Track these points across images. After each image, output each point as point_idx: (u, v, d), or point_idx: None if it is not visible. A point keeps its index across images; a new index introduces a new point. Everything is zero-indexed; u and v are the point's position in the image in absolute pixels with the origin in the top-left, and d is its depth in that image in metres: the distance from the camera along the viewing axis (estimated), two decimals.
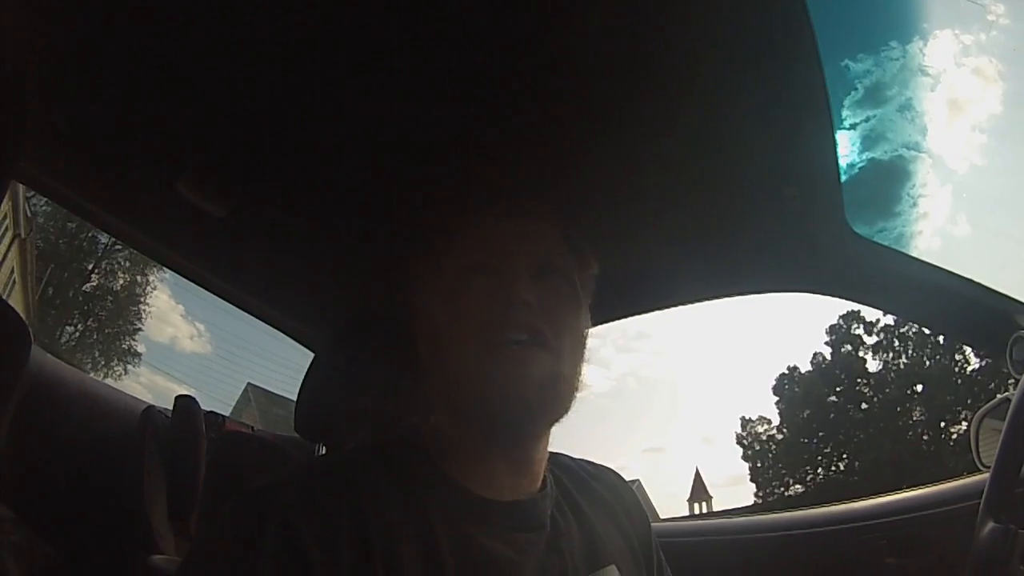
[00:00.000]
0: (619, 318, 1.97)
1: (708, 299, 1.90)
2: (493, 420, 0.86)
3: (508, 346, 0.84)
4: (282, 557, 0.73)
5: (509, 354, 0.83)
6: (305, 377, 1.45)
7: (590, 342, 0.96)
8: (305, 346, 2.16)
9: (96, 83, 1.34)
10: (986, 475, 1.25)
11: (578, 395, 0.91)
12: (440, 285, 0.91)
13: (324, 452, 1.65)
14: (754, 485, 26.62)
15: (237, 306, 2.04)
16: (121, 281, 20.33)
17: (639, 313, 1.96)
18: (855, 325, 25.70)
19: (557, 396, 0.87)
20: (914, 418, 24.25)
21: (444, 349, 0.88)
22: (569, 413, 0.90)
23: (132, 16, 1.18)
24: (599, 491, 1.04)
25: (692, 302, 1.91)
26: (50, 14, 1.22)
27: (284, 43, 1.23)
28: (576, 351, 0.91)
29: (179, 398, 1.77)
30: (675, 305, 1.92)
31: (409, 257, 0.98)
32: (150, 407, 1.76)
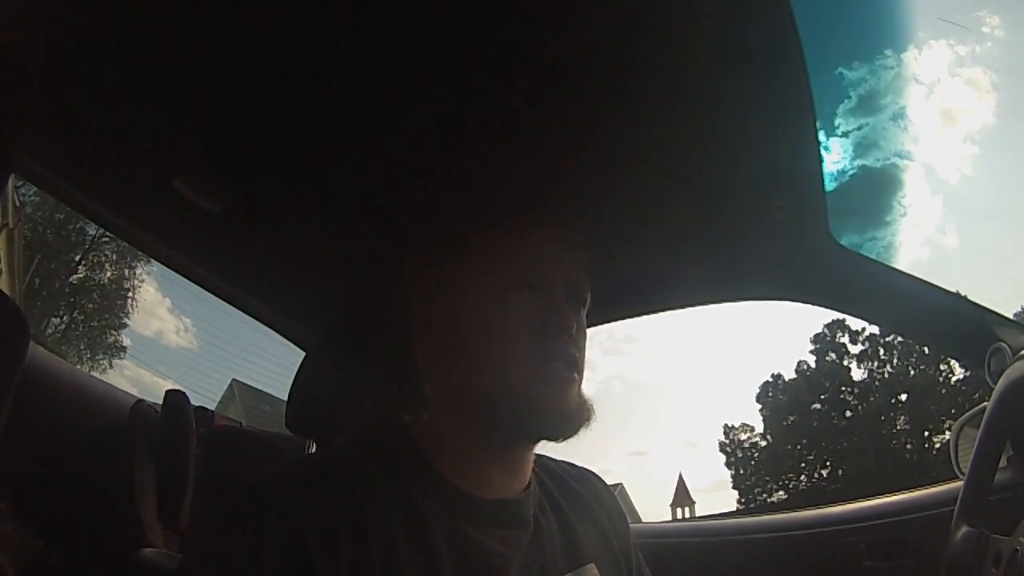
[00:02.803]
0: (606, 322, 1.99)
1: (695, 305, 1.93)
2: (523, 432, 0.92)
3: (554, 369, 0.88)
4: (284, 552, 0.74)
5: (554, 375, 0.88)
6: (297, 374, 1.45)
7: None
8: (295, 343, 2.16)
9: (95, 77, 1.33)
10: (962, 482, 1.28)
11: None
12: (474, 293, 0.92)
13: (314, 448, 1.66)
14: (737, 492, 26.70)
15: (229, 302, 2.04)
16: (108, 274, 20.14)
17: (626, 318, 1.99)
18: (840, 334, 25.80)
19: (587, 411, 0.91)
20: (898, 427, 24.36)
21: (471, 358, 0.91)
22: None
23: (133, 10, 1.19)
24: (580, 492, 1.06)
25: (679, 308, 1.93)
26: (51, 8, 1.23)
27: (285, 42, 1.23)
28: None
29: (169, 393, 1.78)
30: (662, 311, 1.94)
31: (431, 261, 0.97)
32: (140, 401, 1.76)
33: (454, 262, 0.94)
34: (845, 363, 25.90)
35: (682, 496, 26.65)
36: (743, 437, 27.28)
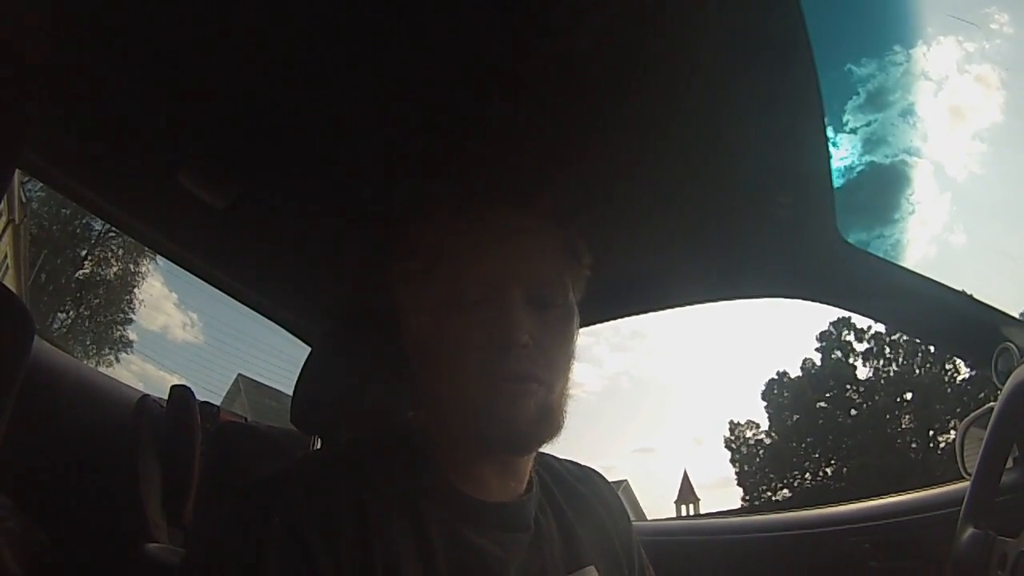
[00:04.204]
0: (613, 319, 1.99)
1: (701, 302, 1.93)
2: (484, 444, 0.88)
3: (504, 384, 0.84)
4: (287, 550, 0.74)
5: (505, 392, 0.84)
6: (302, 370, 1.46)
7: (584, 339, 0.96)
8: (301, 339, 2.17)
9: (101, 72, 1.34)
10: (968, 482, 1.27)
11: (569, 396, 0.92)
12: (430, 301, 0.90)
13: (319, 445, 1.66)
14: (741, 489, 26.68)
15: (235, 298, 2.04)
16: (114, 269, 20.13)
17: (633, 314, 1.98)
18: (846, 331, 25.71)
19: (549, 424, 0.88)
20: (903, 425, 24.29)
21: (433, 369, 0.90)
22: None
23: (138, 5, 1.19)
24: (582, 493, 1.06)
25: (686, 305, 1.93)
26: (56, 4, 1.23)
27: (289, 38, 1.23)
28: (567, 374, 0.92)
29: (175, 388, 1.78)
30: (669, 307, 1.94)
31: (398, 265, 0.96)
32: (145, 396, 1.76)
33: (415, 263, 0.93)
34: (850, 361, 25.83)
35: (687, 493, 26.64)
36: (748, 434, 27.23)
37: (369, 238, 1.68)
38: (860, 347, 25.74)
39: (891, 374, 25.16)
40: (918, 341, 21.05)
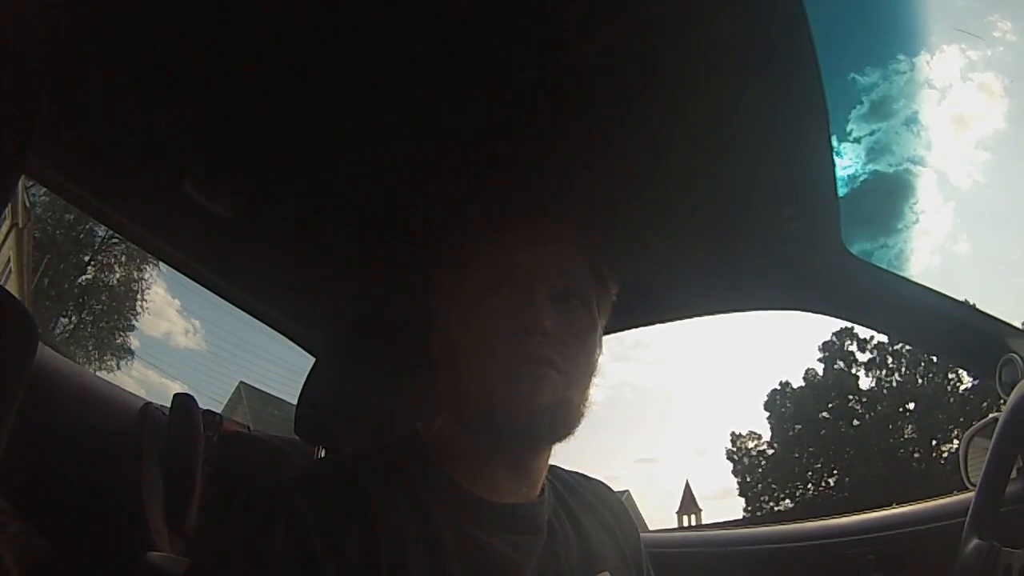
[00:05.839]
0: (618, 331, 1.98)
1: (706, 314, 1.92)
2: (499, 434, 0.88)
3: (522, 369, 0.86)
4: (291, 557, 0.74)
5: (523, 375, 0.86)
6: (307, 380, 1.45)
7: None
8: (304, 349, 2.17)
9: (106, 79, 1.34)
10: (973, 493, 1.27)
11: (588, 402, 0.94)
12: (460, 300, 0.93)
13: (324, 454, 1.65)
14: (743, 500, 26.58)
15: (238, 306, 2.04)
16: (117, 275, 20.10)
17: (639, 326, 1.98)
18: (848, 342, 25.65)
19: (563, 419, 0.90)
20: (905, 436, 24.21)
21: (458, 363, 0.91)
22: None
23: (144, 12, 1.20)
24: (592, 502, 1.07)
25: (690, 317, 1.93)
26: (62, 10, 1.23)
27: (297, 46, 1.24)
28: (586, 376, 0.94)
29: (177, 396, 1.77)
30: (673, 319, 1.94)
31: (431, 266, 0.99)
32: (148, 404, 1.75)
33: (449, 270, 0.97)
34: (853, 371, 25.76)
35: (689, 503, 26.51)
36: (750, 445, 27.15)
37: (374, 248, 1.69)
38: (863, 357, 25.71)
39: (894, 384, 25.09)
40: (921, 351, 20.99)
